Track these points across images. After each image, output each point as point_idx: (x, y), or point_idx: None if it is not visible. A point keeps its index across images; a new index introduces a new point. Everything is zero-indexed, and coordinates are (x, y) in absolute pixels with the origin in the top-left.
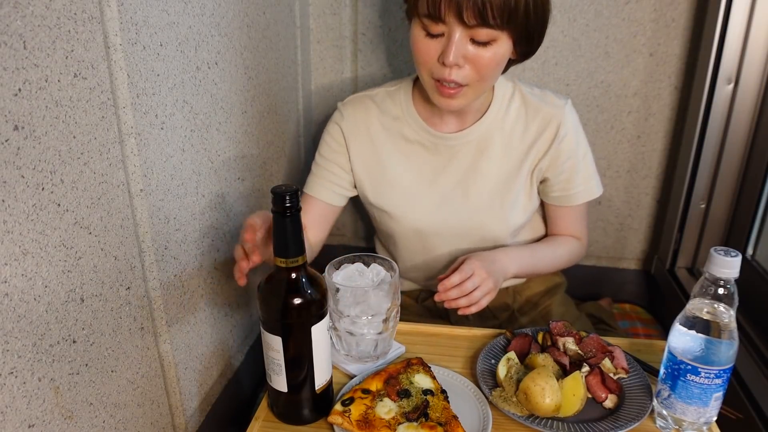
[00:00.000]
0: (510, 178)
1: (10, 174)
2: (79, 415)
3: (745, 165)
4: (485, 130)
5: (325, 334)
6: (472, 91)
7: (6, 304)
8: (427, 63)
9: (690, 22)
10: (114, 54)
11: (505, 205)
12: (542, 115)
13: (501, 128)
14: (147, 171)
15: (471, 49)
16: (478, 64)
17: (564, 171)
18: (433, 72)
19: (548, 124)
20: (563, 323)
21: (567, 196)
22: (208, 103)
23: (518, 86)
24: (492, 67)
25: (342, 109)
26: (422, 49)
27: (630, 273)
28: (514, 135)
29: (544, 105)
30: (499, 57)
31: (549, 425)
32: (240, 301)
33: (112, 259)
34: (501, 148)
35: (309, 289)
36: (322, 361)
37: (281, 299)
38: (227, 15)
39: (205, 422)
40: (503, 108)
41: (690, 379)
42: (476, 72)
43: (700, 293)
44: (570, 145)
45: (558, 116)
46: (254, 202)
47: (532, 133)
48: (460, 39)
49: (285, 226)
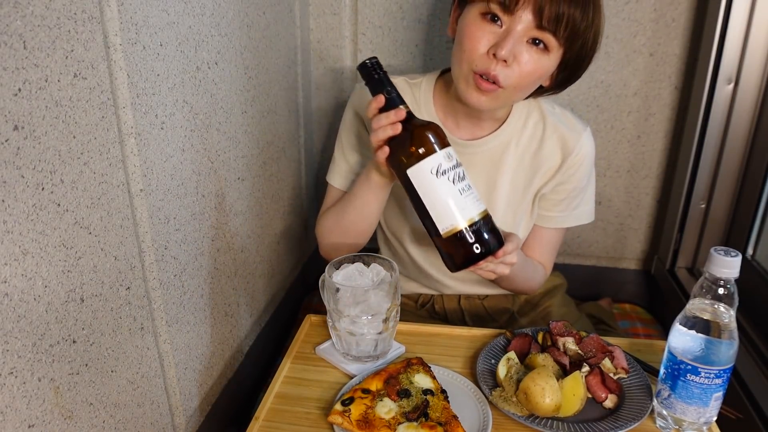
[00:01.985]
0: (520, 194)
1: (10, 174)
2: (79, 415)
3: (745, 165)
4: (500, 143)
5: (432, 178)
6: (505, 95)
7: (6, 304)
8: (474, 52)
9: (690, 22)
10: (114, 54)
11: (515, 222)
12: (558, 137)
13: (516, 143)
14: (147, 171)
15: (524, 51)
16: (524, 68)
17: (561, 193)
18: (477, 63)
19: (563, 147)
20: (563, 323)
21: (548, 217)
22: (208, 103)
23: (539, 101)
24: (534, 77)
25: (361, 93)
26: (474, 34)
27: (630, 273)
28: (527, 152)
29: (563, 127)
30: (544, 69)
31: (549, 425)
32: (240, 301)
33: (112, 259)
34: (514, 163)
35: (402, 137)
36: (437, 205)
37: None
38: (227, 15)
39: (205, 422)
40: (521, 122)
41: (690, 379)
42: (518, 76)
43: (700, 293)
44: (579, 175)
45: (574, 142)
46: (254, 202)
47: (545, 153)
48: (521, 35)
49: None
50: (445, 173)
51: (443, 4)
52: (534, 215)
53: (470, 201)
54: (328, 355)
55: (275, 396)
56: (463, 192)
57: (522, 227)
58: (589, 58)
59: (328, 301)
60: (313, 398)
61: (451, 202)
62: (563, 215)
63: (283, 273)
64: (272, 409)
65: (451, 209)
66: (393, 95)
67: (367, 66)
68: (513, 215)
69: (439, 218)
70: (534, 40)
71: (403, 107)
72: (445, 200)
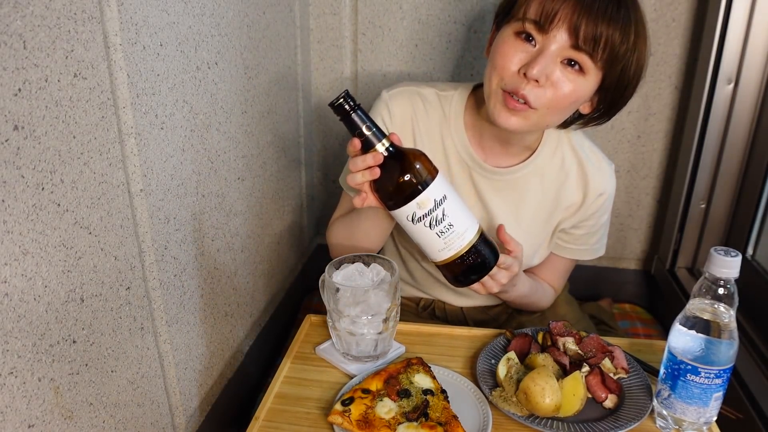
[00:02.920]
0: (541, 226)
1: (10, 174)
2: (79, 415)
3: (745, 165)
4: (528, 173)
5: (409, 224)
6: (536, 117)
7: (6, 304)
8: (505, 70)
9: (690, 22)
10: (114, 54)
11: (532, 251)
12: (585, 175)
13: (543, 175)
14: (147, 171)
15: (557, 72)
16: (558, 90)
17: (579, 227)
18: (507, 82)
19: (588, 186)
20: (563, 323)
21: (567, 248)
22: (208, 103)
23: (570, 136)
24: (569, 101)
25: (389, 103)
26: (506, 52)
27: (630, 273)
28: (553, 185)
29: (590, 166)
30: (579, 93)
31: (549, 425)
32: (240, 301)
33: (112, 259)
34: (539, 194)
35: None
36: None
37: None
38: (227, 15)
39: (205, 422)
40: (549, 155)
41: (690, 379)
42: (552, 98)
43: (700, 293)
44: (599, 212)
45: (600, 182)
46: (254, 202)
47: (570, 187)
48: (553, 55)
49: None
50: (420, 220)
51: (443, 5)
52: (551, 246)
53: (453, 238)
54: (328, 355)
55: (275, 396)
56: (443, 234)
57: (538, 256)
58: (633, 85)
59: (328, 301)
60: (313, 398)
61: (431, 243)
62: (581, 248)
63: (283, 273)
64: (272, 409)
65: (433, 248)
66: (370, 133)
67: (339, 104)
68: (531, 245)
69: (427, 252)
70: (569, 61)
71: (383, 144)
72: (426, 242)
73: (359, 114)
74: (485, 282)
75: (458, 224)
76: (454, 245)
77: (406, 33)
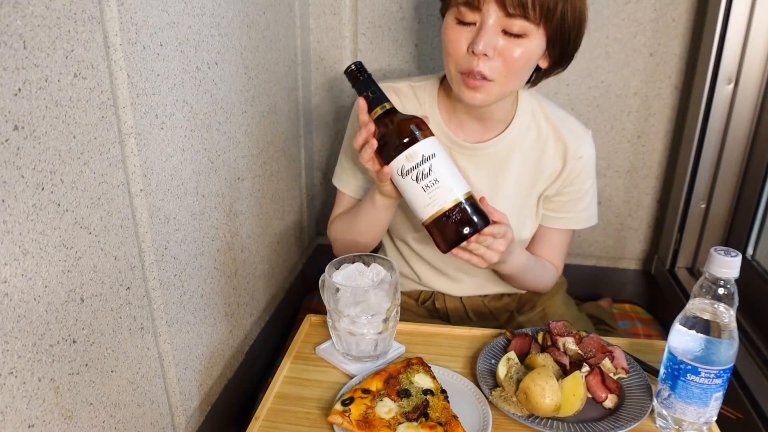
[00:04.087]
0: (524, 196)
1: (10, 174)
2: (79, 415)
3: (745, 165)
4: (505, 145)
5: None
6: (497, 87)
7: (6, 304)
8: (456, 53)
9: (690, 22)
10: (114, 54)
11: (520, 222)
12: (562, 141)
13: (521, 145)
14: (147, 171)
15: (502, 41)
16: (508, 57)
17: (564, 195)
18: (461, 64)
19: (566, 150)
20: (563, 323)
21: (557, 218)
22: (208, 103)
23: (543, 105)
24: (521, 64)
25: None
26: (452, 37)
27: (630, 273)
28: (532, 154)
29: (566, 131)
30: (529, 53)
31: (549, 425)
32: (240, 301)
33: (112, 259)
34: (518, 165)
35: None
36: (414, 196)
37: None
38: (227, 15)
39: (205, 422)
40: (525, 125)
41: (690, 379)
42: (505, 66)
43: (700, 293)
44: (580, 176)
45: (577, 145)
46: (254, 202)
47: (549, 155)
48: (493, 28)
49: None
50: (408, 173)
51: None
52: (539, 216)
53: (437, 193)
54: (328, 355)
55: (275, 396)
56: (428, 188)
57: (527, 228)
58: (578, 29)
59: (328, 301)
60: (313, 398)
61: (418, 199)
62: (569, 216)
63: (283, 273)
64: (272, 409)
65: (419, 204)
66: (376, 95)
67: (351, 70)
68: (518, 216)
69: (416, 211)
70: (507, 31)
71: (383, 106)
72: (413, 198)
73: (367, 80)
74: (484, 254)
75: (443, 181)
76: (438, 200)
77: (406, 33)
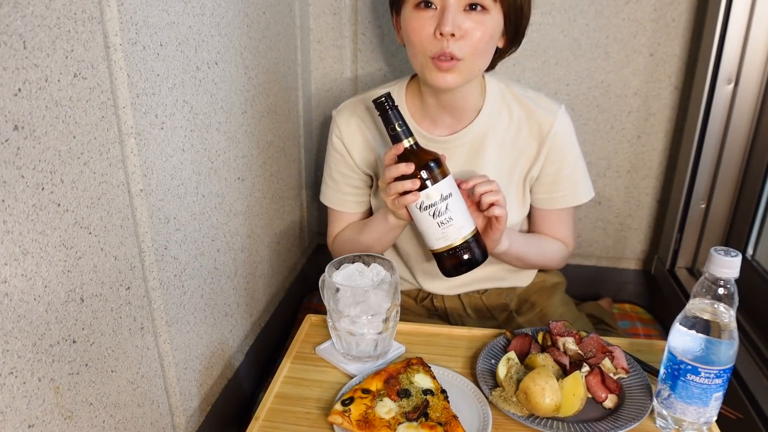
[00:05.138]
0: (505, 180)
1: (10, 174)
2: (79, 415)
3: (745, 165)
4: (478, 132)
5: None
6: (466, 66)
7: (6, 304)
8: (423, 40)
9: (690, 22)
10: (114, 54)
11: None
12: (535, 119)
13: (494, 130)
14: (147, 171)
15: (465, 21)
16: (473, 36)
17: (551, 173)
18: (429, 48)
19: (540, 128)
20: (563, 323)
21: (551, 198)
22: (208, 103)
23: (511, 88)
24: (485, 41)
25: (337, 119)
26: (417, 26)
27: (630, 273)
28: (506, 138)
29: (538, 109)
30: (491, 30)
31: (549, 425)
32: (240, 301)
33: (112, 259)
34: (494, 150)
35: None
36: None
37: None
38: (227, 15)
39: (205, 422)
40: (495, 109)
41: (690, 379)
42: (470, 45)
43: (700, 293)
44: (561, 150)
45: (550, 121)
46: (254, 202)
47: (524, 136)
48: (456, 8)
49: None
50: (426, 209)
51: None
52: (526, 200)
53: (450, 231)
54: (328, 355)
55: (275, 396)
56: (442, 225)
57: (513, 213)
58: (528, 4)
59: (328, 301)
60: (313, 398)
61: (431, 231)
62: (565, 194)
63: (283, 273)
64: (272, 409)
65: (432, 236)
66: (402, 129)
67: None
68: None
69: (426, 238)
70: (470, 6)
71: (409, 140)
72: (427, 229)
73: (395, 113)
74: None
75: (456, 220)
76: (449, 236)
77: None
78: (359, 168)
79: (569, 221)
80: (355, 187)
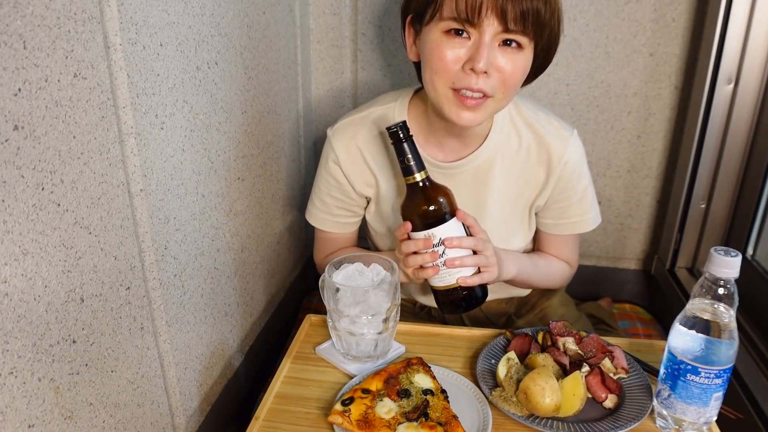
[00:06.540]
0: (512, 207)
1: (10, 174)
2: (79, 415)
3: (745, 165)
4: (485, 159)
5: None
6: (494, 103)
7: (6, 304)
8: (449, 71)
9: (690, 22)
10: (114, 54)
11: (509, 235)
12: (545, 147)
13: (502, 156)
14: (147, 171)
15: (499, 57)
16: (506, 73)
17: (559, 201)
18: (456, 82)
19: (550, 157)
20: (563, 323)
21: (558, 225)
22: (208, 103)
23: (519, 106)
24: (518, 78)
25: (333, 144)
26: (446, 56)
27: (630, 273)
28: (515, 164)
29: (548, 136)
30: (523, 67)
31: (549, 425)
32: (240, 301)
33: (112, 259)
34: (501, 176)
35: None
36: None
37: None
38: (227, 15)
39: (205, 422)
40: (504, 134)
41: (690, 379)
42: (502, 82)
43: (700, 293)
44: (570, 180)
45: (561, 150)
46: (254, 202)
47: (533, 164)
48: (492, 43)
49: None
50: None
51: None
52: (532, 227)
53: (450, 272)
54: (328, 355)
55: (275, 396)
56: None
57: (518, 239)
58: (557, 42)
59: (328, 301)
60: (313, 398)
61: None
62: (574, 221)
63: (283, 273)
64: (272, 409)
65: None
66: (414, 161)
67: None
68: (507, 228)
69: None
70: (505, 42)
71: (421, 174)
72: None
73: (410, 144)
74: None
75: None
76: (446, 278)
77: None
78: (357, 193)
79: (575, 244)
80: (347, 210)
